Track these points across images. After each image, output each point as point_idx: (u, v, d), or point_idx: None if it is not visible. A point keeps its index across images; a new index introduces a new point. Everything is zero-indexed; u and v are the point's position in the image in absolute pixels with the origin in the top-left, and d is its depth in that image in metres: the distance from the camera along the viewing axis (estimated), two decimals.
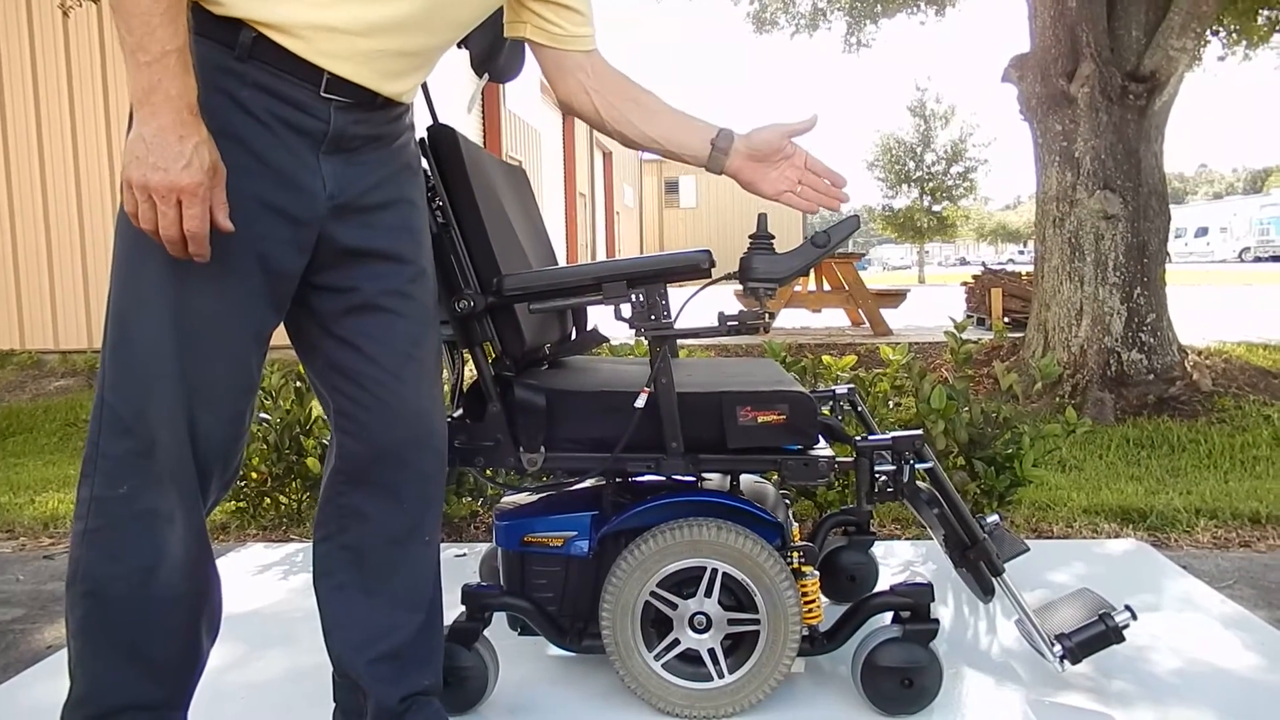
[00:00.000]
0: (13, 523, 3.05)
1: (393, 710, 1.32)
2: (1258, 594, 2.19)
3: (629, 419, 1.49)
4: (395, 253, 1.28)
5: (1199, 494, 3.00)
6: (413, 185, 1.33)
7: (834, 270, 8.58)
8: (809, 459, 1.54)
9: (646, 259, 1.47)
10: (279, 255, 1.17)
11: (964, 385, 2.64)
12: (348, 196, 1.22)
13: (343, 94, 1.17)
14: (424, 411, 1.32)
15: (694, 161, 1.46)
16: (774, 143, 1.43)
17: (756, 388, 1.56)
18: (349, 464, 1.31)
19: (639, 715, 1.59)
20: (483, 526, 2.82)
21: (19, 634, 2.12)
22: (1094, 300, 4.65)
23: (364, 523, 1.32)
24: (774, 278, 1.45)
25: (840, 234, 1.46)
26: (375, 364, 1.27)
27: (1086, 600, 1.69)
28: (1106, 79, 4.59)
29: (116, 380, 1.14)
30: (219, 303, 1.14)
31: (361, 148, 1.23)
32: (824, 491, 2.57)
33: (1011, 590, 1.63)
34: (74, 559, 1.18)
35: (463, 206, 1.51)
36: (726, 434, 1.53)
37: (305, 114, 1.15)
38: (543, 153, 18.37)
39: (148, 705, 1.21)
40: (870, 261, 61.58)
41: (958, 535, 1.65)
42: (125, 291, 1.14)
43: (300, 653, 1.89)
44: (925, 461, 1.65)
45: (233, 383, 1.18)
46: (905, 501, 1.66)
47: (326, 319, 1.27)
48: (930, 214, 26.53)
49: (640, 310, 1.47)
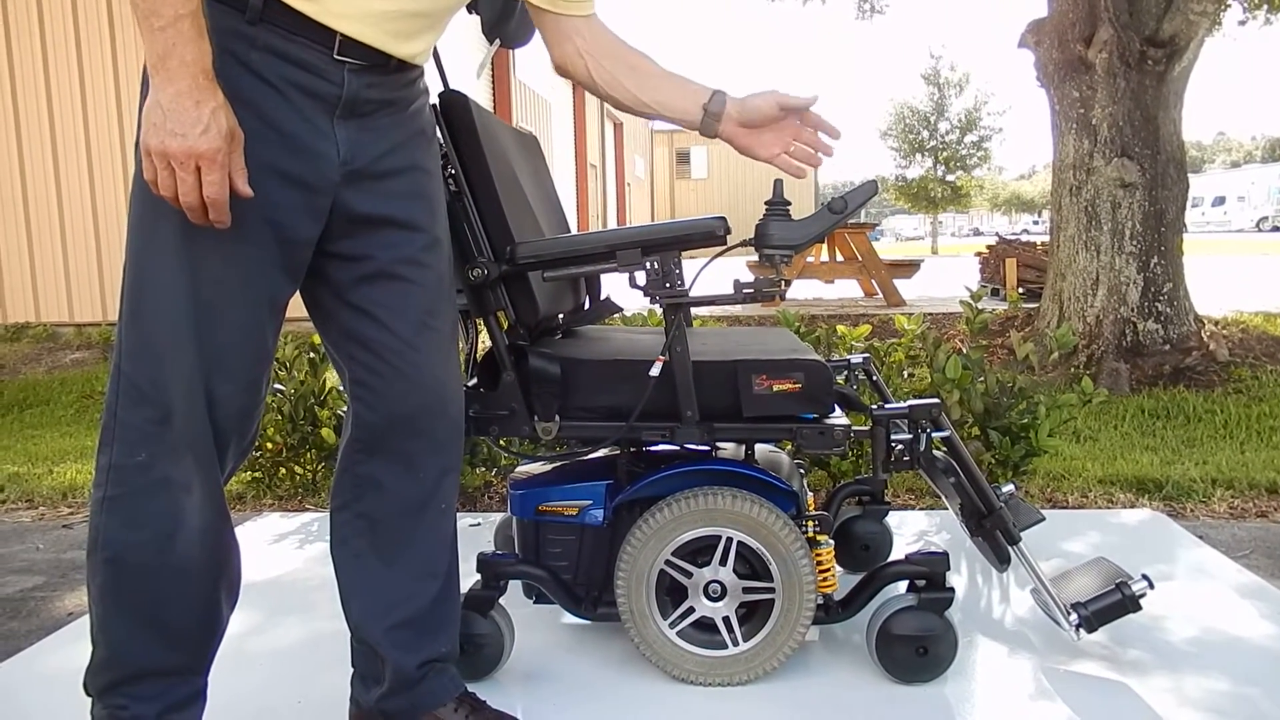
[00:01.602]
0: (32, 493, 3.09)
1: (411, 676, 1.33)
2: (1274, 563, 2.18)
3: (644, 388, 1.48)
4: (409, 220, 1.27)
5: (1215, 464, 2.98)
6: (427, 152, 1.32)
7: (847, 241, 8.52)
8: (824, 428, 1.53)
9: (661, 226, 1.46)
10: (293, 222, 1.16)
11: (979, 355, 2.62)
12: (361, 162, 1.21)
13: (356, 56, 1.16)
14: (440, 380, 1.31)
15: (687, 126, 1.45)
16: (765, 112, 1.41)
17: (772, 356, 1.55)
18: (365, 433, 1.31)
19: (654, 683, 1.60)
20: (497, 496, 2.83)
21: (40, 601, 2.15)
22: (1110, 270, 4.60)
23: (380, 491, 1.33)
24: (790, 244, 1.44)
25: (858, 199, 1.44)
26: (390, 332, 1.27)
27: (1103, 569, 1.69)
28: (1125, 44, 4.51)
29: (133, 349, 1.15)
30: (233, 270, 1.13)
31: (376, 112, 1.22)
32: (838, 461, 2.57)
33: (1027, 559, 1.62)
34: (94, 526, 1.19)
35: (475, 173, 1.50)
36: (742, 403, 1.52)
37: (319, 77, 1.14)
38: (553, 123, 18.26)
39: (167, 671, 1.22)
40: (883, 232, 61.14)
41: (974, 504, 1.64)
42: (140, 261, 1.14)
43: (317, 619, 1.91)
44: (942, 430, 1.64)
45: (248, 351, 1.18)
46: (921, 471, 1.65)
47: (341, 288, 1.26)
48: (944, 184, 26.31)
49: (655, 278, 1.46)
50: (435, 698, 1.35)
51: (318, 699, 1.58)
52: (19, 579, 2.30)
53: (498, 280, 1.50)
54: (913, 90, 40.68)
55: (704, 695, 1.56)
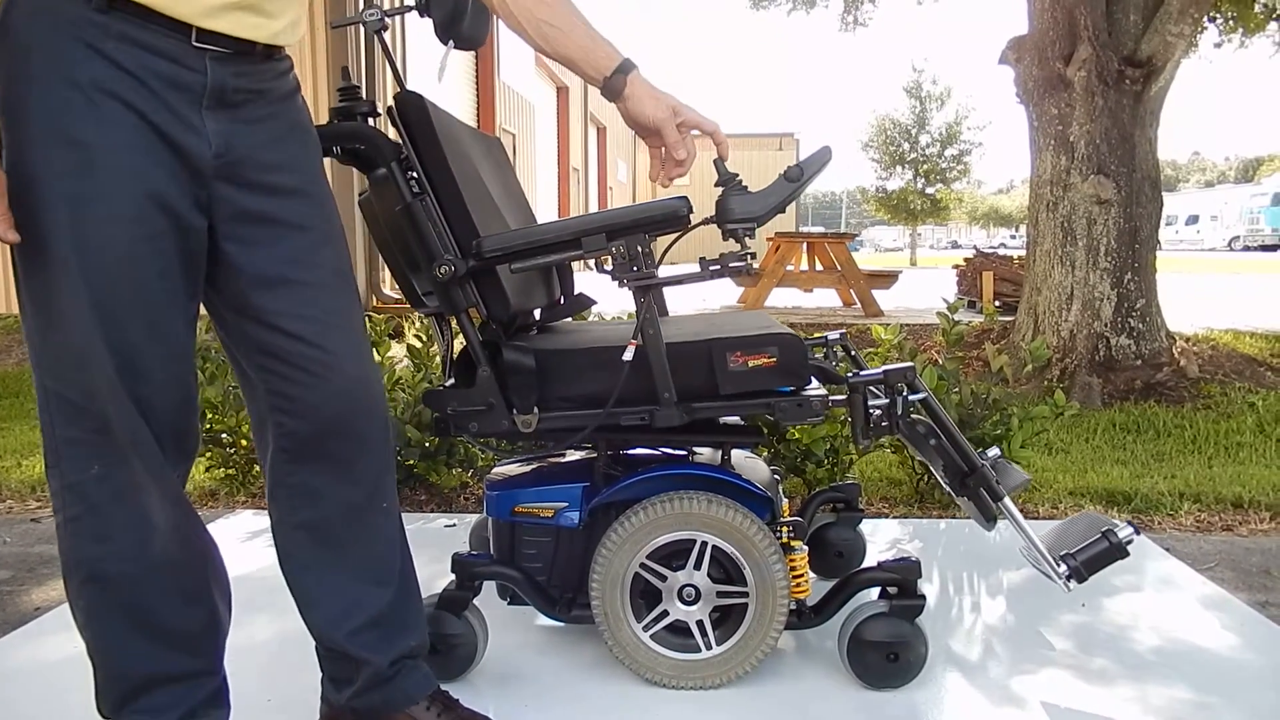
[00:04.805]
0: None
1: (384, 674, 1.32)
2: (1238, 576, 2.22)
3: (620, 373, 1.48)
4: (295, 219, 1.22)
5: (1183, 478, 3.02)
6: (306, 145, 1.26)
7: (826, 250, 8.58)
8: (802, 399, 1.54)
9: (624, 209, 1.45)
10: (178, 209, 1.11)
11: (954, 366, 2.65)
12: (237, 155, 1.16)
13: (216, 44, 1.10)
14: (358, 379, 1.26)
15: (593, 85, 1.40)
16: (646, 125, 1.37)
17: (745, 333, 1.55)
18: (291, 442, 1.26)
19: (627, 685, 1.60)
20: (473, 498, 2.82)
21: (6, 595, 2.12)
22: (1085, 285, 4.66)
23: (316, 499, 1.28)
24: (752, 216, 1.42)
25: (813, 166, 1.43)
26: (296, 338, 1.21)
27: (1089, 521, 1.67)
28: (1103, 63, 4.58)
29: (54, 363, 1.11)
30: (128, 270, 1.09)
31: (247, 103, 1.16)
32: (814, 469, 2.59)
33: (1014, 514, 1.60)
34: (63, 551, 1.17)
35: (435, 171, 1.48)
36: (719, 381, 1.52)
37: (180, 66, 1.09)
38: (536, 126, 18.25)
39: (176, 676, 1.21)
40: (863, 243, 61.53)
41: (956, 464, 1.62)
42: (34, 272, 1.10)
43: (287, 617, 1.88)
44: (918, 393, 1.63)
45: (157, 350, 1.13)
46: (901, 435, 1.62)
47: (237, 298, 1.20)
48: (923, 196, 26.53)
49: (622, 262, 1.45)
50: (408, 696, 1.34)
51: (287, 697, 1.57)
52: None
53: (466, 276, 1.49)
54: (895, 103, 41.03)
55: (677, 699, 1.57)
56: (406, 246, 1.51)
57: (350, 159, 1.47)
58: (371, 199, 1.52)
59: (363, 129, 1.46)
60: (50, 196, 1.06)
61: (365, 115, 1.47)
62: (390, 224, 1.51)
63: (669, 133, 1.37)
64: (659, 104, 1.36)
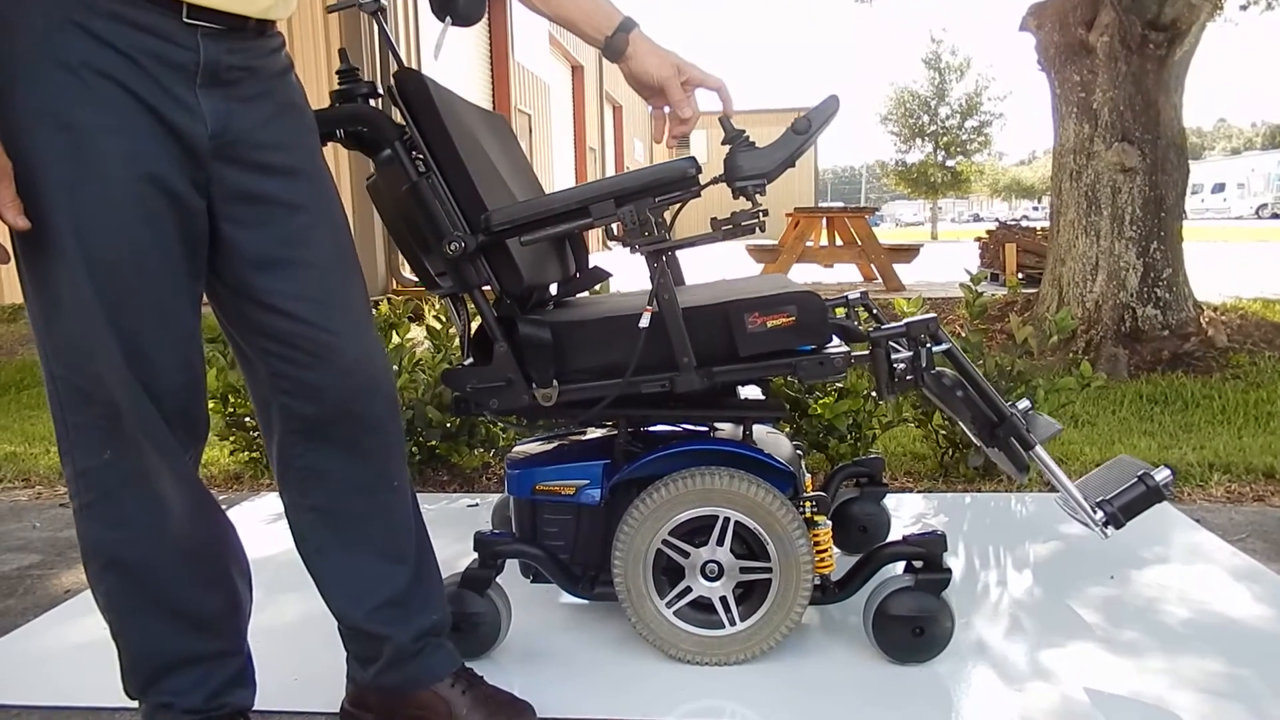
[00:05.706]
0: (29, 472, 3.08)
1: (408, 650, 1.33)
2: (1270, 547, 2.18)
3: (637, 341, 1.46)
4: (291, 199, 1.20)
5: (1212, 449, 2.98)
6: (300, 124, 1.25)
7: (846, 225, 8.51)
8: (823, 357, 1.51)
9: (632, 174, 1.43)
10: (174, 193, 1.10)
11: (978, 339, 2.62)
12: (233, 134, 1.14)
13: (208, 20, 1.08)
14: (363, 358, 1.25)
15: (594, 46, 1.40)
16: (653, 79, 1.36)
17: (762, 293, 1.53)
18: (299, 424, 1.25)
19: (651, 662, 1.60)
20: (494, 478, 2.83)
21: (37, 579, 2.15)
22: (1110, 255, 4.59)
23: (326, 481, 1.28)
24: (761, 172, 1.40)
25: (820, 116, 1.40)
26: (298, 320, 1.20)
27: (1124, 465, 1.64)
28: (1126, 28, 4.49)
29: (61, 350, 1.11)
30: (130, 255, 1.08)
31: (241, 81, 1.14)
32: (837, 444, 2.57)
33: (1047, 463, 1.58)
34: (81, 537, 1.17)
35: (439, 148, 1.46)
36: (737, 343, 1.50)
37: (172, 44, 1.07)
38: (552, 106, 18.17)
39: (199, 656, 1.22)
40: (883, 217, 61.03)
41: (984, 415, 1.59)
42: (34, 260, 1.09)
43: (312, 597, 1.90)
44: (942, 344, 1.60)
45: (163, 334, 1.12)
46: (926, 389, 1.59)
47: (237, 282, 1.19)
48: (944, 169, 26.24)
49: (633, 227, 1.43)
50: (432, 672, 1.35)
51: (313, 676, 1.58)
52: (15, 557, 2.30)
53: (477, 252, 1.48)
54: (913, 75, 40.53)
55: (700, 674, 1.56)
56: (416, 227, 1.50)
57: (354, 142, 1.46)
58: (379, 182, 1.51)
59: (363, 110, 1.44)
60: (46, 182, 1.04)
61: (365, 96, 1.45)
62: (398, 205, 1.50)
63: (673, 91, 1.36)
64: (662, 61, 1.35)
